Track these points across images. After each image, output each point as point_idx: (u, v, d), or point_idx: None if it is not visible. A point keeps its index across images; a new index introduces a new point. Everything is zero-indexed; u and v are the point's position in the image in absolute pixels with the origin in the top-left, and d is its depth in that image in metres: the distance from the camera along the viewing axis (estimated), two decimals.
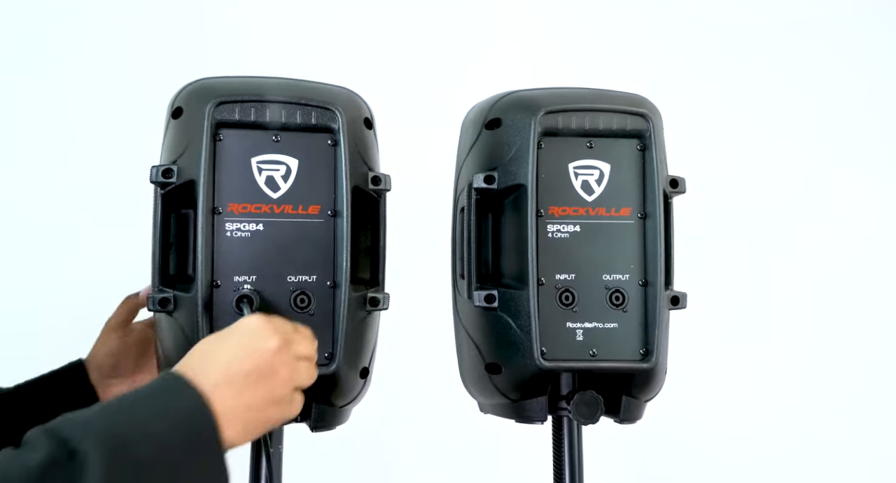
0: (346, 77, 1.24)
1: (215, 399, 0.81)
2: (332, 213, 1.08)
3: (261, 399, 0.86)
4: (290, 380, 0.90)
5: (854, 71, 2.41)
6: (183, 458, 0.77)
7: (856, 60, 2.42)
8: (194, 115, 1.06)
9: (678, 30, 2.37)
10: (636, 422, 1.19)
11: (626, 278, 1.13)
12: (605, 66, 2.26)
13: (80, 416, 0.74)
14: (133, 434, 0.74)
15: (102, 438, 0.71)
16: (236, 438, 0.83)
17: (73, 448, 0.70)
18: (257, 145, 1.07)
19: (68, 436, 0.71)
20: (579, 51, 2.30)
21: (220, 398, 0.82)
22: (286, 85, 1.09)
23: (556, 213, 1.13)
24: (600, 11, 2.34)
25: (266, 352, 0.88)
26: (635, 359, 1.12)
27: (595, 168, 1.14)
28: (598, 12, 2.34)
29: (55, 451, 0.69)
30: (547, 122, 1.12)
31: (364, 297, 1.10)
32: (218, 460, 0.80)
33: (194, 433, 0.79)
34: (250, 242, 1.06)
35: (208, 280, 1.04)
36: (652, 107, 1.17)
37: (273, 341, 0.89)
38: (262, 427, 0.87)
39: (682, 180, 1.18)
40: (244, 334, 0.89)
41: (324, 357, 1.07)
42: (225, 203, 1.06)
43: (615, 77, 1.92)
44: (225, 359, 0.86)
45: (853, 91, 2.40)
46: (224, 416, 0.81)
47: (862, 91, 2.41)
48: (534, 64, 2.24)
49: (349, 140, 1.08)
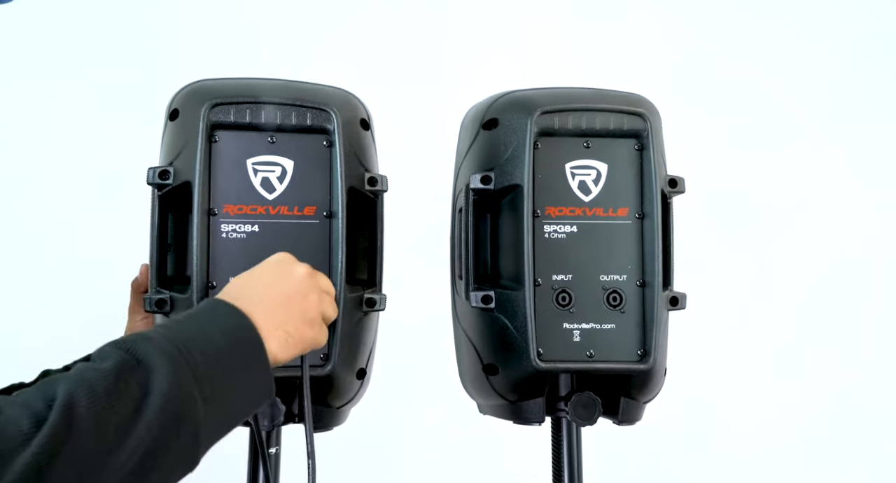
0: (347, 78, 1.24)
1: (256, 317, 0.87)
2: (328, 214, 1.08)
3: (296, 318, 0.92)
4: (318, 304, 0.95)
5: (854, 69, 2.40)
6: (234, 364, 0.83)
7: (857, 58, 2.40)
8: (190, 117, 1.06)
9: (681, 27, 2.36)
10: (635, 423, 1.19)
11: (624, 279, 1.12)
12: (608, 64, 2.26)
13: (141, 333, 0.81)
14: (189, 344, 0.80)
15: (163, 347, 0.78)
16: (279, 353, 0.89)
17: (139, 357, 0.77)
18: (253, 147, 1.07)
19: (133, 347, 0.78)
20: (582, 49, 2.30)
21: (260, 316, 0.87)
22: (281, 86, 1.09)
23: (553, 214, 1.12)
24: (602, 9, 2.34)
25: (296, 277, 0.94)
26: (633, 360, 1.12)
27: (592, 168, 1.13)
28: (599, 10, 2.34)
29: (125, 358, 0.77)
30: (543, 123, 1.12)
31: (360, 297, 1.10)
32: (265, 369, 0.86)
33: (242, 343, 0.85)
34: (246, 243, 1.07)
35: (204, 281, 1.04)
36: (650, 106, 1.16)
37: (301, 268, 0.96)
38: (299, 345, 0.92)
39: (682, 180, 1.17)
40: (274, 264, 0.96)
41: (319, 358, 1.07)
42: (220, 204, 1.06)
43: (618, 76, 1.92)
44: (260, 285, 0.92)
45: (853, 89, 2.38)
46: (265, 331, 0.87)
47: (862, 89, 2.39)
48: (536, 63, 2.23)
49: (344, 141, 1.08)
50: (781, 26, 2.39)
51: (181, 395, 0.77)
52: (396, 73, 2.17)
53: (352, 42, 2.21)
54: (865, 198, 2.35)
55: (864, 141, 2.38)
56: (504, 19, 2.29)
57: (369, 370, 1.16)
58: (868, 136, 2.38)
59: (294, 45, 2.18)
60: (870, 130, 2.38)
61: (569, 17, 2.31)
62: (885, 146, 2.38)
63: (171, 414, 0.76)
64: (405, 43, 2.23)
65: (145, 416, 0.75)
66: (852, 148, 2.36)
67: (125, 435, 0.73)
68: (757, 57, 2.37)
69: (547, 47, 2.29)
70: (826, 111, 2.36)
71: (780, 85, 2.36)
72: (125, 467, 0.73)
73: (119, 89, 2.01)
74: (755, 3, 2.39)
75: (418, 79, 2.16)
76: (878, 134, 2.38)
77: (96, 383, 0.74)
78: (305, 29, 2.21)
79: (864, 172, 2.36)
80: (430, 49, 2.22)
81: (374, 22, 2.23)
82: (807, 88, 2.36)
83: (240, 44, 2.14)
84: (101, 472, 0.72)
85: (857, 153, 2.36)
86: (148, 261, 1.09)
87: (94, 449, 0.71)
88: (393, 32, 2.24)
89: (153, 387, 0.76)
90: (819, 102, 2.36)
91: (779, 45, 2.38)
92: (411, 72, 2.18)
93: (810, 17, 2.39)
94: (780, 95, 2.35)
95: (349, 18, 2.23)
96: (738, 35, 2.37)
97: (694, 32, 2.36)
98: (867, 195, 2.35)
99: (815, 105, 2.36)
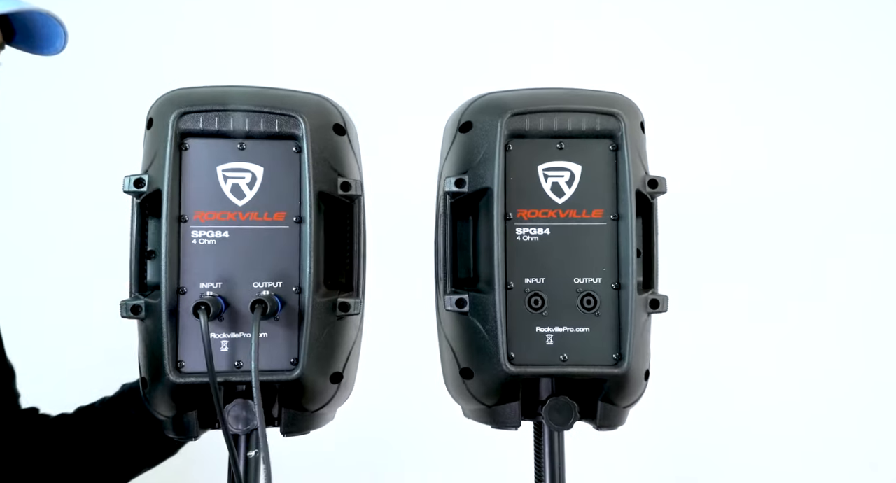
0: (339, 83, 1.25)
1: None
2: (297, 219, 1.09)
3: None
4: None
5: (847, 67, 2.35)
6: None
7: (851, 57, 2.35)
8: (161, 126, 1.08)
9: (675, 27, 2.34)
10: (617, 428, 1.17)
11: (598, 281, 1.11)
12: (608, 63, 2.24)
13: None
14: None
15: None
16: None
17: None
18: (222, 154, 1.08)
19: None
20: (577, 48, 2.28)
21: None
22: (251, 93, 1.10)
23: (525, 216, 1.11)
24: (597, 7, 2.32)
25: None
26: (607, 364, 1.10)
27: (566, 170, 1.12)
28: (595, 8, 2.32)
29: None
30: (514, 125, 1.11)
31: (333, 302, 1.11)
32: None
33: None
34: (216, 250, 1.08)
35: (174, 287, 1.06)
36: (627, 106, 1.14)
37: None
38: None
39: (662, 180, 1.15)
40: None
41: (289, 362, 1.08)
42: (191, 211, 1.08)
43: (615, 75, 1.90)
44: None
45: (847, 86, 2.33)
46: None
47: (855, 87, 2.34)
48: (532, 63, 2.22)
49: (314, 146, 1.09)
50: (777, 22, 2.35)
51: None
52: (396, 73, 2.18)
53: (340, 47, 2.23)
54: (863, 196, 2.30)
55: (861, 138, 2.33)
56: (502, 19, 2.29)
57: (348, 374, 1.16)
58: (865, 133, 2.33)
59: (289, 49, 2.21)
60: (866, 127, 2.32)
61: (568, 13, 2.30)
62: (880, 143, 2.34)
63: None
64: (406, 44, 2.24)
65: None
66: (849, 145, 2.32)
67: None
68: (756, 56, 2.33)
69: (542, 46, 2.28)
70: (820, 105, 2.32)
71: (776, 82, 2.33)
72: None
73: (117, 96, 2.06)
74: None
75: (417, 79, 2.17)
76: (873, 131, 2.33)
77: None
78: (298, 35, 2.24)
79: (862, 170, 2.32)
80: (430, 49, 2.23)
81: (369, 25, 2.25)
82: (801, 84, 2.32)
83: (240, 50, 2.18)
84: None
85: (853, 150, 2.32)
86: None
87: None
88: (393, 33, 2.25)
89: None
90: (813, 97, 2.32)
91: (776, 41, 2.34)
92: (410, 71, 2.19)
93: (804, 12, 2.35)
94: (775, 92, 2.32)
95: (338, 23, 2.25)
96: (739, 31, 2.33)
97: (691, 28, 2.34)
98: (864, 193, 2.30)
99: (810, 100, 2.32)
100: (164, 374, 1.05)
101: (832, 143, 2.35)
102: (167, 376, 1.04)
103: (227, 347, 1.07)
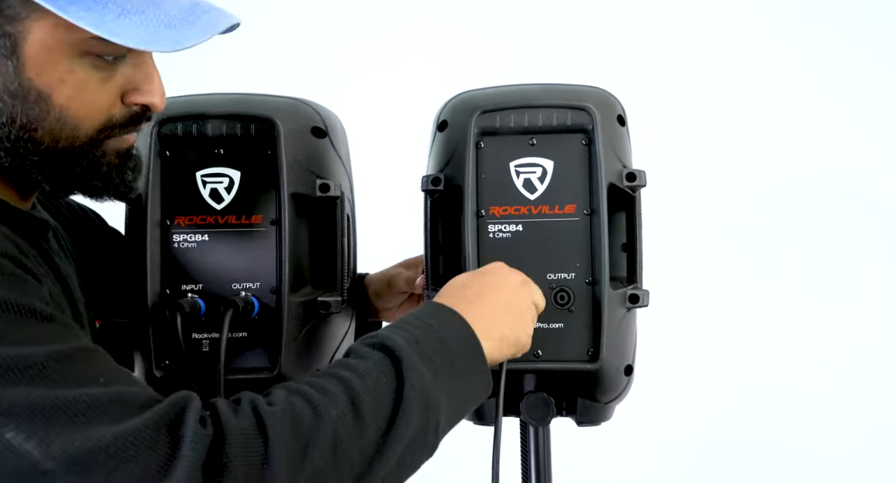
0: (333, 86, 1.28)
1: (476, 324, 0.95)
2: (274, 221, 1.12)
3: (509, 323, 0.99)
4: (529, 309, 1.02)
5: (842, 63, 2.28)
6: (463, 365, 0.92)
7: (845, 54, 2.28)
8: (141, 135, 1.12)
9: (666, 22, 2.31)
10: (600, 424, 1.16)
11: (572, 277, 1.10)
12: (608, 63, 2.23)
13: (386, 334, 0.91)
14: (428, 348, 0.90)
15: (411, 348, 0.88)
16: (494, 355, 0.97)
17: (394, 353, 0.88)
18: (201, 159, 1.12)
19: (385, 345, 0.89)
20: (573, 47, 2.27)
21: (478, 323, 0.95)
22: (227, 100, 1.14)
23: (498, 213, 1.12)
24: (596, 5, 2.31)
25: (510, 286, 1.02)
26: (582, 359, 1.09)
27: (538, 166, 1.12)
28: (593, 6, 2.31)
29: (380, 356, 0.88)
30: (483, 123, 1.11)
31: (314, 301, 1.13)
32: (485, 371, 0.95)
33: (468, 348, 0.94)
34: (197, 252, 1.12)
35: (156, 290, 1.10)
36: (600, 99, 1.13)
37: (515, 277, 1.03)
38: (511, 349, 1.00)
39: (641, 173, 1.13)
40: (490, 272, 1.03)
41: (267, 361, 1.11)
42: (172, 216, 1.12)
43: (612, 73, 1.88)
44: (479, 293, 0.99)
45: (841, 81, 2.26)
46: (483, 336, 0.95)
47: (848, 82, 2.27)
48: (524, 61, 2.22)
49: (289, 149, 1.11)
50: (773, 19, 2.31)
51: (430, 391, 0.87)
52: (396, 75, 2.20)
53: (340, 46, 2.26)
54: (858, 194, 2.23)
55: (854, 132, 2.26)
56: (500, 18, 2.29)
57: None
58: (859, 130, 2.26)
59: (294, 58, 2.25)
60: (862, 123, 2.25)
61: (561, 12, 2.29)
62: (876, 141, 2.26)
63: (423, 406, 0.86)
64: (402, 44, 2.25)
65: (406, 403, 0.85)
66: (844, 143, 2.26)
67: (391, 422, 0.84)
68: (752, 52, 2.29)
69: (540, 43, 2.27)
70: (815, 100, 2.27)
71: (770, 77, 2.28)
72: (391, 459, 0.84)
73: None
74: None
75: (417, 79, 2.19)
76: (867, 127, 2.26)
77: (368, 377, 0.85)
78: (294, 37, 2.27)
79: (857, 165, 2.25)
80: (429, 49, 2.24)
81: (363, 26, 2.28)
82: (796, 79, 2.26)
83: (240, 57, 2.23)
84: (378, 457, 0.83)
85: (848, 148, 2.25)
86: None
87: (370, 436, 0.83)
88: (386, 35, 2.28)
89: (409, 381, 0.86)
90: (807, 91, 2.26)
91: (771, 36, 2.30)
92: (409, 72, 2.21)
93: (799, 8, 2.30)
94: (769, 86, 2.27)
95: (333, 23, 2.28)
96: None
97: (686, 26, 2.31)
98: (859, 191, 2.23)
99: (805, 94, 2.26)
100: None
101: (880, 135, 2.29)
102: None
103: (208, 347, 1.10)
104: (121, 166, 0.95)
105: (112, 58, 0.88)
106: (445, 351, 0.91)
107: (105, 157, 0.92)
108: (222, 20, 0.89)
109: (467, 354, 0.93)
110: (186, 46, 0.86)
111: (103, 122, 0.90)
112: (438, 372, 0.89)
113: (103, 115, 0.90)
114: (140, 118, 0.94)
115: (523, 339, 1.00)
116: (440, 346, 0.91)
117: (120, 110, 0.91)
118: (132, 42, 0.83)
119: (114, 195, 0.96)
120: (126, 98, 0.91)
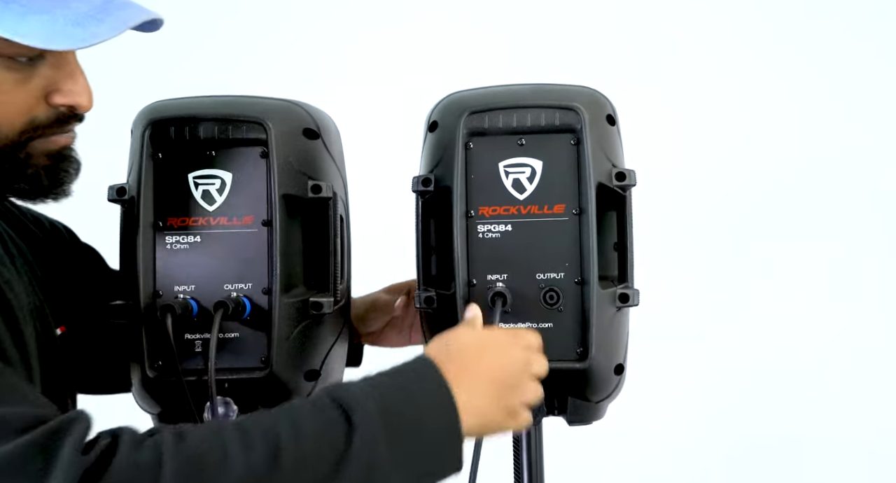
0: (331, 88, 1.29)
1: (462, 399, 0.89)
2: (265, 222, 1.12)
3: (498, 408, 0.93)
4: (524, 394, 0.95)
5: (842, 63, 2.28)
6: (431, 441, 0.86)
7: (845, 54, 2.28)
8: (134, 137, 1.13)
9: None
10: (591, 423, 1.17)
11: (561, 277, 1.11)
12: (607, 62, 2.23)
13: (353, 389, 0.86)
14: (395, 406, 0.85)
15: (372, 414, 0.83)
16: (471, 432, 0.90)
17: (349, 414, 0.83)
18: (192, 161, 1.13)
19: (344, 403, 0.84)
20: (573, 47, 2.28)
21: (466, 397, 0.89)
22: (219, 102, 1.15)
23: (487, 214, 1.12)
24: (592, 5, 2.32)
25: (512, 363, 0.95)
26: (571, 358, 1.10)
27: (526, 166, 1.12)
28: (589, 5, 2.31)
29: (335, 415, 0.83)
30: (472, 123, 1.12)
31: (305, 301, 1.14)
32: (458, 450, 0.88)
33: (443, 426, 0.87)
34: (189, 253, 1.12)
35: (149, 291, 1.11)
36: (589, 99, 1.13)
37: (519, 355, 0.96)
38: (492, 432, 0.94)
39: (631, 173, 1.14)
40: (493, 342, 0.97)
41: (260, 361, 1.11)
42: (165, 217, 1.13)
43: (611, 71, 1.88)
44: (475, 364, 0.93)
45: (841, 81, 2.25)
46: (466, 411, 0.88)
47: (848, 82, 2.26)
48: (519, 61, 2.22)
49: (280, 151, 1.12)
50: None
51: (379, 467, 0.82)
52: (395, 75, 2.21)
53: (338, 46, 2.27)
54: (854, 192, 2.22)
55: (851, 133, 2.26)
56: (498, 18, 2.30)
57: (327, 371, 1.19)
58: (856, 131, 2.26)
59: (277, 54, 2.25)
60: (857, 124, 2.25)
61: (558, 12, 2.30)
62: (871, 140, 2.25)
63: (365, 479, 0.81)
64: (401, 44, 2.26)
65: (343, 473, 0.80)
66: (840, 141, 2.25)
67: None
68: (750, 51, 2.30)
69: (536, 44, 2.28)
70: (810, 98, 2.26)
71: (767, 75, 2.28)
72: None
73: None
74: None
75: (416, 80, 2.19)
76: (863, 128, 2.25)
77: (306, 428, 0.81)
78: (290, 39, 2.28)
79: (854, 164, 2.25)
80: (427, 49, 2.25)
81: (362, 27, 2.29)
82: (793, 77, 2.26)
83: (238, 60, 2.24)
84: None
85: (845, 147, 2.25)
86: None
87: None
88: (384, 35, 2.28)
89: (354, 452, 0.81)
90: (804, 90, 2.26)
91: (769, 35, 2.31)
92: (408, 73, 2.21)
93: None
94: (767, 85, 2.27)
95: (327, 23, 2.29)
96: None
97: None
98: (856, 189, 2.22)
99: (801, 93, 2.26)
100: None
101: None
102: None
103: (200, 348, 1.11)
104: (52, 168, 0.93)
105: (26, 59, 0.87)
106: (416, 424, 0.85)
107: (32, 160, 0.91)
108: (135, 16, 0.87)
109: (440, 433, 0.87)
110: (92, 44, 0.84)
111: (25, 123, 0.89)
112: (400, 447, 0.84)
113: (24, 117, 0.89)
114: (67, 119, 0.92)
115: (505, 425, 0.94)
116: (413, 418, 0.85)
117: (44, 111, 0.90)
118: (35, 41, 0.82)
119: (45, 197, 0.94)
120: (50, 99, 0.90)
